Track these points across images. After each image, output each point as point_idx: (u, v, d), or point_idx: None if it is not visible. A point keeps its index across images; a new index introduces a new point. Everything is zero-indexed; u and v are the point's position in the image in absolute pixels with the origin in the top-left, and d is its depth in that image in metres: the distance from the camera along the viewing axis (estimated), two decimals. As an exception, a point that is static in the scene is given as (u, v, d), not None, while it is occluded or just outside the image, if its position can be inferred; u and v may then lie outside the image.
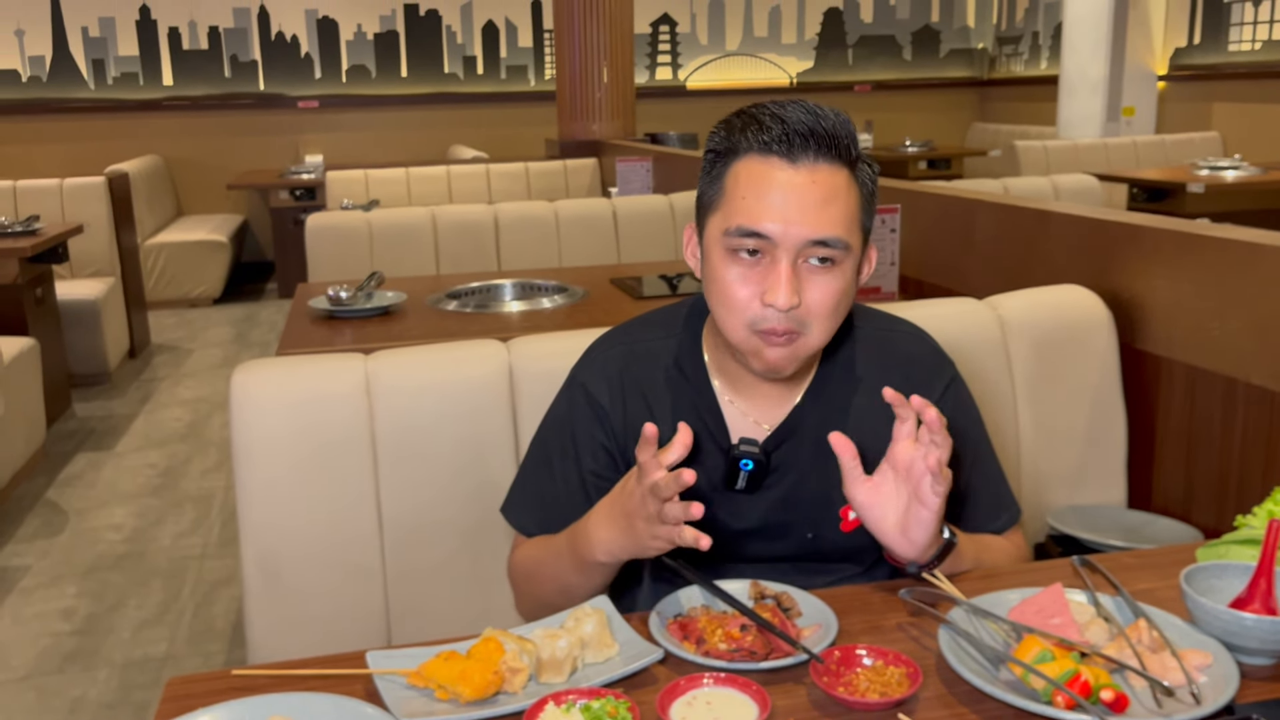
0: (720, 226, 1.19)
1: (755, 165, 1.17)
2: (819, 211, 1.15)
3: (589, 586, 1.22)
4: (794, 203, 1.14)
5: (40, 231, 4.54)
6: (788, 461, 1.28)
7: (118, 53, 7.82)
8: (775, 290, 1.15)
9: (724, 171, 1.20)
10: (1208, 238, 1.82)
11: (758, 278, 1.17)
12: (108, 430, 4.46)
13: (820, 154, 1.16)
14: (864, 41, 9.07)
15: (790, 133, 1.15)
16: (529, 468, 1.37)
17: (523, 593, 1.37)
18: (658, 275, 3.17)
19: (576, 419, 1.32)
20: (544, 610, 1.24)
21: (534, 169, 5.85)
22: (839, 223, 1.16)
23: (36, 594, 3.03)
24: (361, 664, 1.03)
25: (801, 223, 1.14)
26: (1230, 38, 6.65)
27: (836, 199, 1.16)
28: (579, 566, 1.21)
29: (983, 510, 1.35)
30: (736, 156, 1.19)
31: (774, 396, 1.29)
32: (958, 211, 2.55)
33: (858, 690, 0.96)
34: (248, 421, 1.56)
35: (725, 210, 1.19)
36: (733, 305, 1.18)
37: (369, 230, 3.73)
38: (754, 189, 1.16)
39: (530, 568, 1.32)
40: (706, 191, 1.23)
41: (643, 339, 1.35)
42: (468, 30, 8.34)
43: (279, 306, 6.90)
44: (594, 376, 1.33)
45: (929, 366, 1.34)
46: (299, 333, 2.48)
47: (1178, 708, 0.91)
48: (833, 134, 1.16)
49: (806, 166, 1.15)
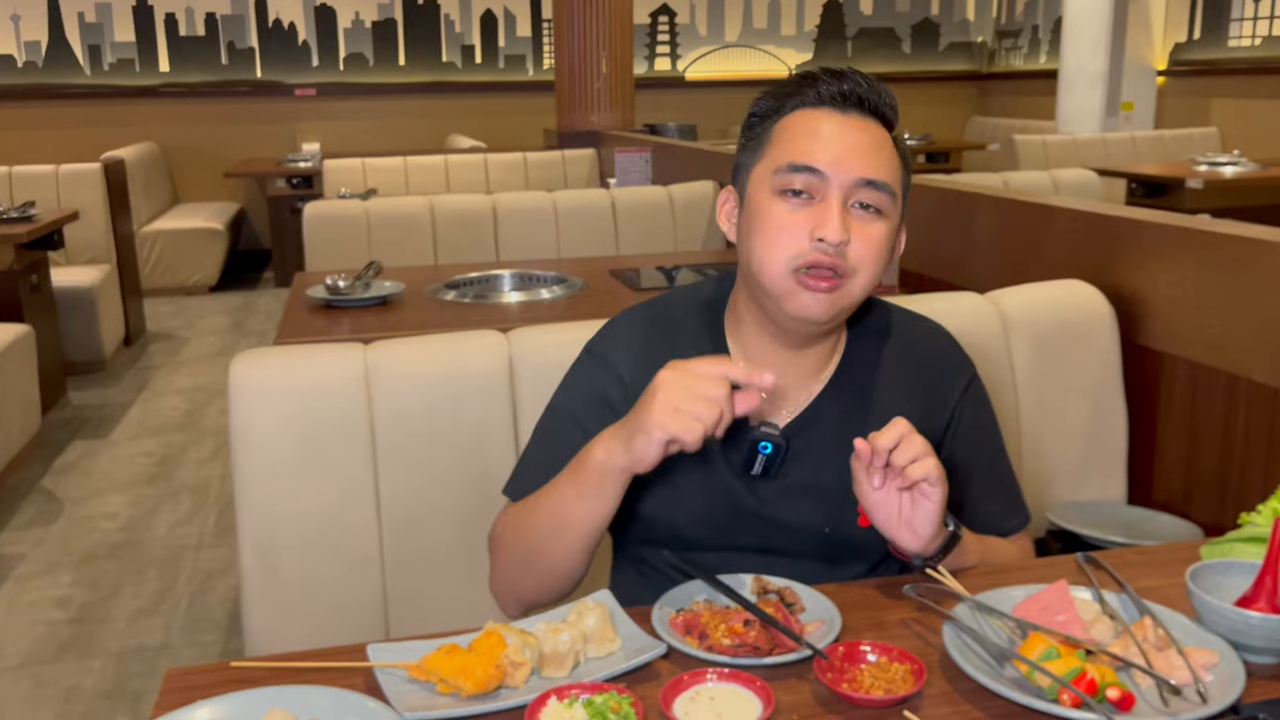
0: (770, 168, 1.19)
1: (805, 114, 1.20)
2: (869, 156, 1.17)
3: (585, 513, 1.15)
4: (847, 143, 1.17)
5: (36, 218, 4.52)
6: (808, 450, 1.25)
7: (114, 39, 7.78)
8: (826, 224, 1.14)
9: (769, 128, 1.22)
10: (1211, 234, 1.81)
11: (807, 217, 1.16)
12: (103, 418, 4.45)
13: (868, 114, 1.20)
14: (863, 34, 9.05)
15: (845, 91, 1.19)
16: (535, 441, 1.32)
17: (503, 554, 1.26)
18: (655, 267, 3.16)
19: (593, 386, 1.29)
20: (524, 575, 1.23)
21: (532, 159, 5.83)
22: (887, 169, 1.18)
23: (31, 582, 3.02)
24: (362, 656, 1.02)
25: (853, 163, 1.16)
26: (1230, 33, 6.64)
27: (884, 149, 1.19)
28: (576, 482, 1.15)
29: (995, 513, 1.34)
30: (783, 114, 1.21)
31: (797, 382, 1.27)
32: (960, 206, 2.54)
33: (862, 687, 0.95)
34: (246, 411, 1.55)
35: (773, 155, 1.19)
36: (778, 241, 1.16)
37: (367, 219, 3.72)
38: (804, 132, 1.18)
39: (518, 520, 1.25)
40: (749, 152, 1.23)
41: (667, 315, 1.33)
42: (466, 19, 8.31)
43: (276, 295, 6.88)
44: (616, 348, 1.30)
45: (950, 366, 1.33)
46: (297, 322, 2.47)
47: (1184, 706, 0.91)
48: (882, 100, 1.20)
49: (856, 118, 1.19)
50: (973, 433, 1.32)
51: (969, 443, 1.31)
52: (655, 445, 1.07)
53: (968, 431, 1.31)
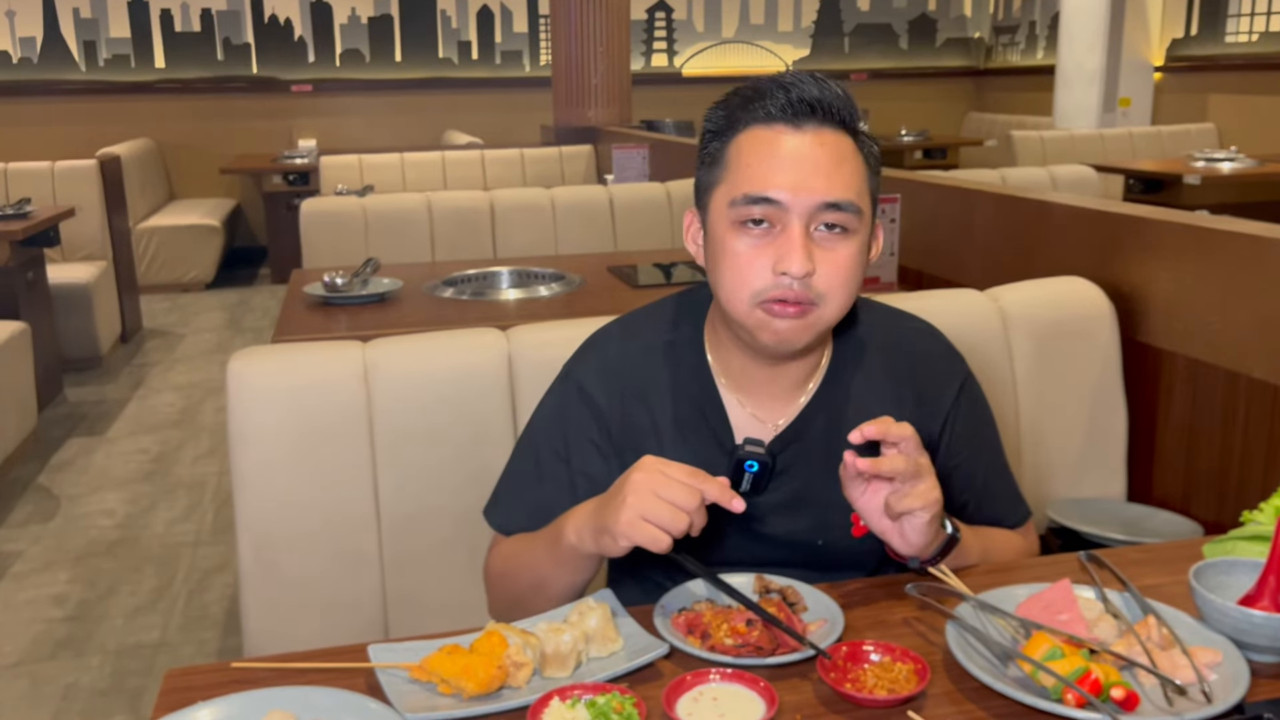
0: (725, 198, 1.14)
1: (758, 134, 1.14)
2: (830, 174, 1.11)
3: (563, 582, 1.16)
4: (804, 166, 1.11)
5: (31, 215, 4.50)
6: (795, 464, 1.23)
7: (109, 34, 7.76)
8: (788, 257, 1.10)
9: (724, 148, 1.16)
10: (1211, 230, 1.81)
11: (768, 248, 1.12)
12: (100, 415, 4.44)
13: (824, 120, 1.13)
14: (860, 30, 9.04)
15: (793, 100, 1.12)
16: (515, 467, 1.30)
17: (496, 592, 1.29)
18: (653, 264, 3.15)
19: (570, 417, 1.26)
20: (515, 610, 1.19)
21: (529, 155, 5.82)
22: (850, 185, 1.12)
23: (28, 580, 3.01)
24: (363, 657, 1.01)
25: (812, 186, 1.10)
26: (1227, 29, 6.64)
27: (845, 162, 1.13)
28: (552, 553, 1.14)
29: (997, 512, 1.33)
30: (737, 131, 1.16)
31: (781, 396, 1.24)
32: (958, 202, 2.53)
33: (865, 686, 0.95)
34: (244, 409, 1.55)
35: (730, 182, 1.14)
36: (741, 277, 1.13)
37: (364, 216, 3.71)
38: (759, 156, 1.12)
39: (506, 563, 1.25)
40: (707, 173, 1.19)
41: (641, 335, 1.29)
42: (463, 15, 8.29)
43: (272, 292, 6.87)
44: (590, 374, 1.27)
45: (941, 369, 1.30)
46: (295, 319, 2.46)
47: (1189, 706, 0.91)
48: (836, 102, 1.13)
49: (812, 131, 1.12)
50: (969, 436, 1.29)
51: (966, 447, 1.29)
52: (620, 550, 1.05)
53: (963, 436, 1.29)
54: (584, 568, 1.14)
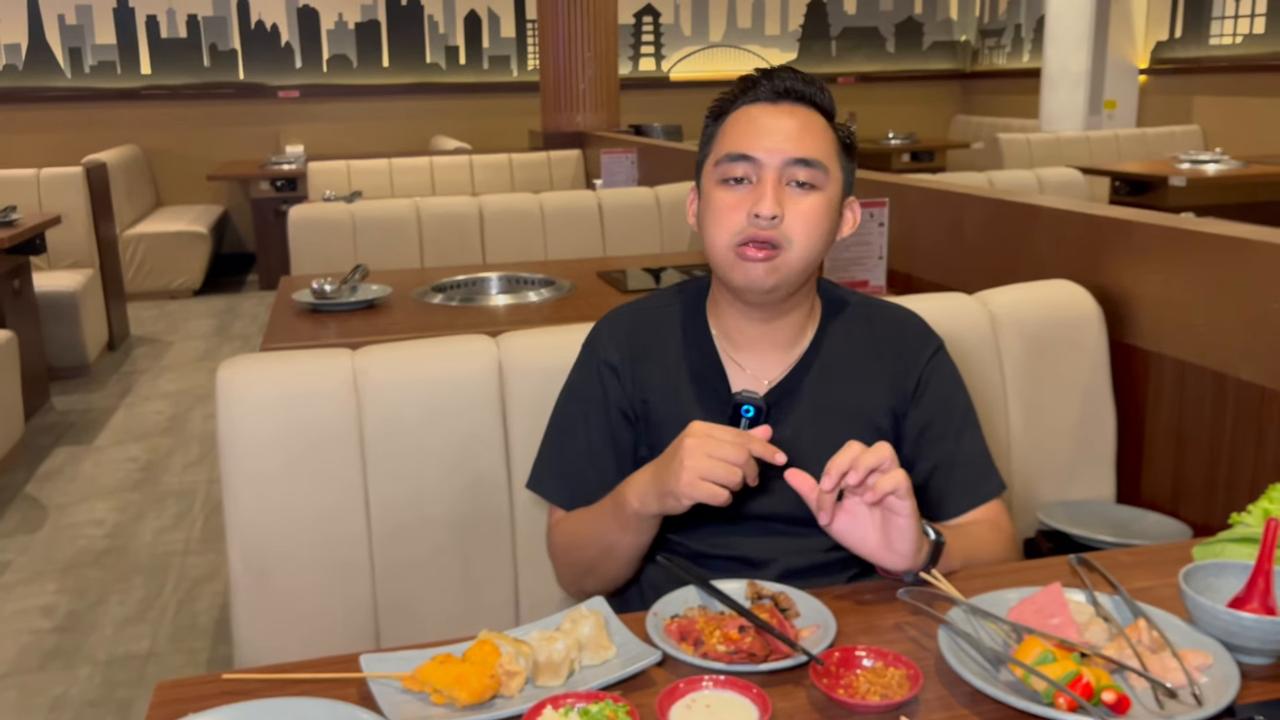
0: (713, 162, 1.32)
1: (745, 111, 1.33)
2: (799, 137, 1.29)
3: (629, 543, 1.28)
4: (778, 130, 1.29)
5: (17, 222, 4.48)
6: (786, 417, 1.34)
7: (95, 41, 7.73)
8: (760, 201, 1.26)
9: (717, 128, 1.35)
10: (1198, 233, 1.82)
11: (746, 198, 1.29)
12: (87, 424, 4.42)
13: (799, 102, 1.32)
14: (847, 33, 9.07)
15: (776, 87, 1.32)
16: (550, 439, 1.44)
17: (564, 562, 1.42)
18: (642, 268, 3.16)
19: (593, 381, 1.40)
20: (586, 577, 1.37)
21: (517, 160, 5.82)
22: (818, 147, 1.29)
23: (16, 590, 3.00)
24: (355, 666, 1.01)
25: (784, 146, 1.28)
26: (1211, 31, 6.68)
27: (814, 130, 1.30)
28: (618, 520, 1.26)
29: (969, 479, 1.38)
30: (728, 114, 1.34)
31: (774, 356, 1.37)
32: (947, 206, 2.54)
33: (858, 692, 0.95)
34: (234, 418, 1.54)
35: (716, 150, 1.33)
36: (721, 222, 1.29)
37: (352, 222, 3.70)
38: (741, 125, 1.31)
39: (571, 537, 1.38)
40: (703, 150, 1.37)
41: (648, 306, 1.45)
42: (450, 20, 8.29)
43: (260, 298, 6.85)
44: (605, 342, 1.42)
45: (917, 337, 1.42)
46: (283, 326, 2.45)
47: (1180, 709, 0.91)
48: (812, 92, 1.32)
49: (788, 107, 1.31)
50: (941, 395, 1.39)
51: (938, 404, 1.38)
52: (683, 508, 1.17)
53: (936, 394, 1.38)
54: (647, 529, 1.27)
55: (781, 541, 1.33)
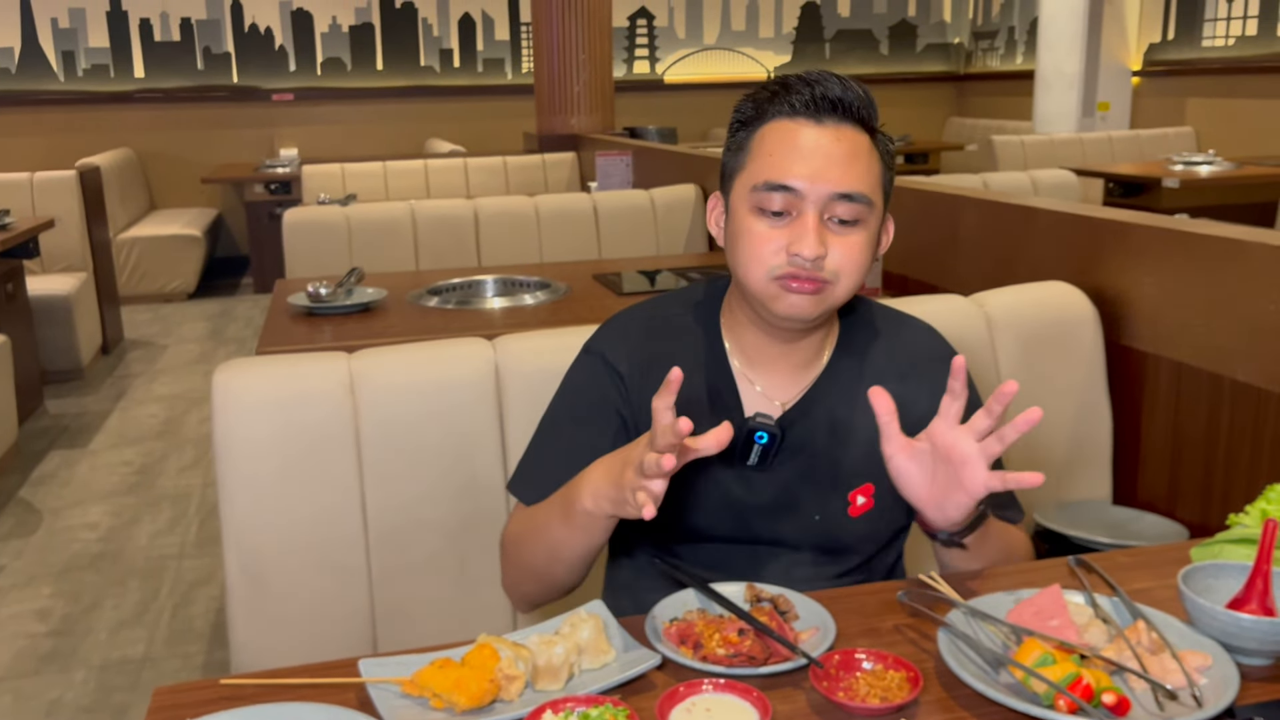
0: (748, 183, 1.21)
1: (782, 125, 1.20)
2: (845, 167, 1.18)
3: (575, 544, 1.19)
4: (820, 157, 1.18)
5: (10, 226, 4.47)
6: (801, 440, 1.28)
7: (88, 44, 7.71)
8: (801, 240, 1.17)
9: (750, 137, 1.23)
10: (1194, 234, 1.82)
11: (784, 231, 1.19)
12: (81, 428, 4.40)
13: (844, 117, 1.20)
14: (841, 36, 9.08)
15: (818, 97, 1.19)
16: (539, 440, 1.35)
17: (510, 561, 1.32)
18: (638, 271, 3.15)
19: (593, 386, 1.31)
20: (528, 579, 1.28)
21: (512, 163, 5.81)
22: (863, 179, 1.19)
23: (11, 595, 2.98)
24: (353, 671, 1.01)
25: (827, 177, 1.17)
26: (1204, 33, 6.70)
27: (860, 157, 1.19)
28: (566, 517, 1.17)
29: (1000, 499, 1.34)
30: (763, 121, 1.22)
31: (790, 374, 1.30)
32: (943, 208, 2.54)
33: (858, 695, 0.95)
34: (229, 422, 1.54)
35: (752, 169, 1.21)
36: (757, 254, 1.19)
37: (347, 225, 3.70)
38: (781, 146, 1.19)
39: (521, 532, 1.28)
40: (732, 159, 1.26)
41: (662, 313, 1.36)
42: (444, 23, 8.29)
43: (255, 302, 6.84)
44: (614, 346, 1.33)
45: (938, 355, 1.35)
46: (279, 330, 2.45)
47: (1180, 710, 0.91)
48: (856, 101, 1.20)
49: (832, 126, 1.19)
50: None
51: None
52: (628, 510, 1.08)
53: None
54: (598, 531, 1.17)
55: (790, 568, 1.29)
